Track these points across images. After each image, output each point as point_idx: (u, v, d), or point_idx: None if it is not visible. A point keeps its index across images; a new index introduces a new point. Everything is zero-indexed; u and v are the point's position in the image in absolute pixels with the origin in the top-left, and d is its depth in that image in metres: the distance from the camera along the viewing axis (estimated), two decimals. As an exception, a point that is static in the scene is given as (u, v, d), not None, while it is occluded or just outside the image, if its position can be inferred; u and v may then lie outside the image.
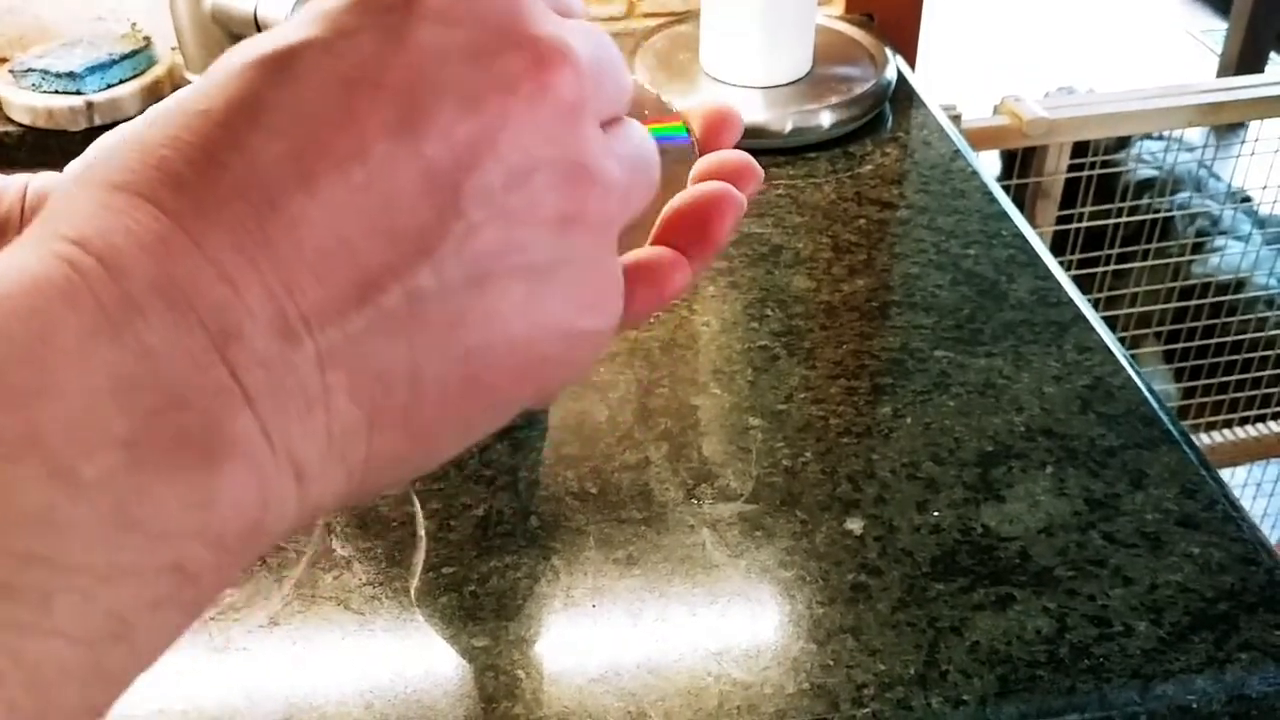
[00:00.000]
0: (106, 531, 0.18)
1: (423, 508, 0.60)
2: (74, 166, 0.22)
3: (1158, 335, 1.59)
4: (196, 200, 0.20)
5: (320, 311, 0.21)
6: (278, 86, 0.21)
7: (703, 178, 0.30)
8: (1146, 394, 0.67)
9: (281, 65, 0.22)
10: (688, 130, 0.32)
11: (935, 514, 0.59)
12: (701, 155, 0.31)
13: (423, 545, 0.58)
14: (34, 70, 0.93)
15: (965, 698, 0.51)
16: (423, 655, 0.53)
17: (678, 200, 0.29)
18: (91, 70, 0.93)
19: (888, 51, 0.99)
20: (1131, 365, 0.69)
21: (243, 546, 0.20)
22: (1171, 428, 0.64)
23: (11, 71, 0.95)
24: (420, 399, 0.22)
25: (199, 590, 0.20)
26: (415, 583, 0.56)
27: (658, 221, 0.29)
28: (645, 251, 0.28)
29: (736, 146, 0.31)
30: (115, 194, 0.20)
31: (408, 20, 0.22)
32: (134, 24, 1.00)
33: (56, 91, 0.93)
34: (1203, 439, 1.57)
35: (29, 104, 0.93)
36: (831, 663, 0.52)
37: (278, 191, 0.21)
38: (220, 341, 0.20)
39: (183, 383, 0.19)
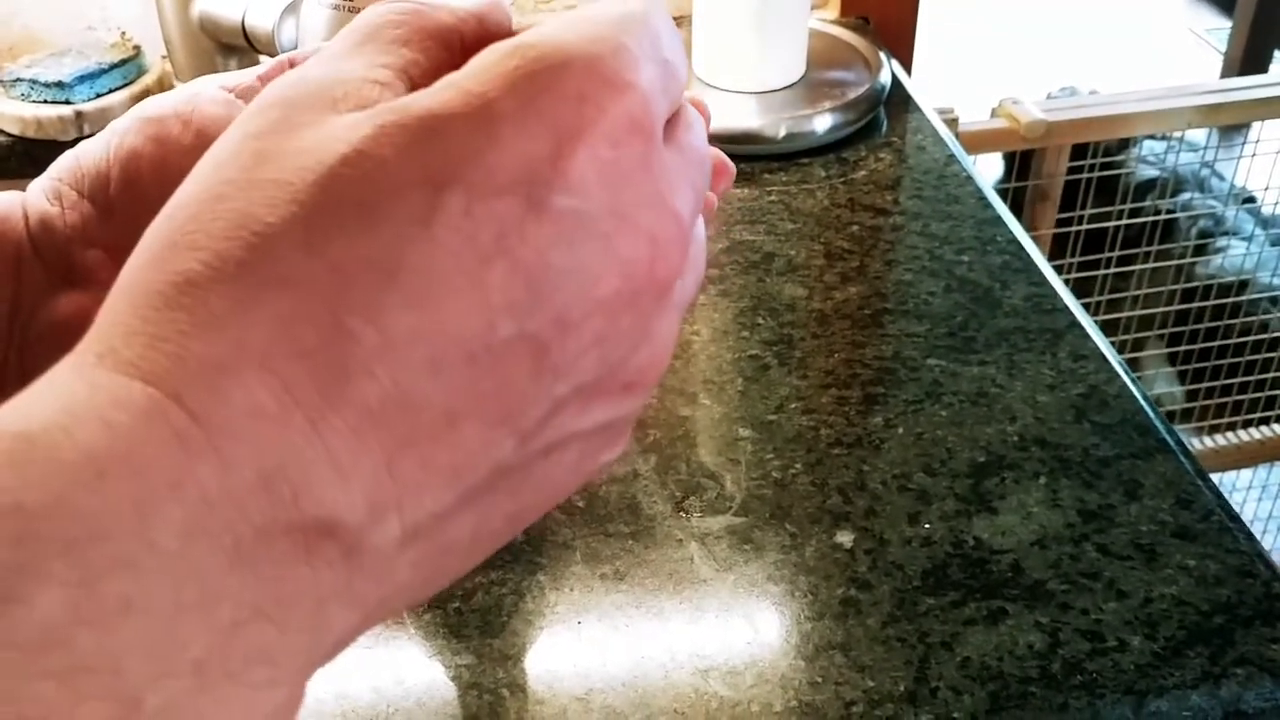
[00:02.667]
0: None
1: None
2: (150, 244, 0.19)
3: (1161, 337, 1.58)
4: (321, 375, 0.18)
5: (416, 494, 0.19)
6: (411, 245, 0.19)
7: None
8: (1142, 402, 0.66)
9: (416, 220, 0.19)
10: None
11: (926, 526, 0.58)
12: None
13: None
14: (23, 80, 0.93)
15: (956, 715, 0.50)
16: (406, 672, 0.53)
17: None
18: (81, 79, 0.92)
19: (882, 55, 0.98)
20: (1127, 373, 0.68)
21: None
22: (1167, 437, 0.63)
23: (0, 82, 0.95)
24: (469, 557, 0.22)
25: None
26: (399, 599, 0.56)
27: None
28: None
29: (728, 152, 0.31)
30: (224, 342, 0.18)
31: (550, 190, 0.20)
32: (123, 33, 0.99)
33: (45, 101, 0.92)
34: (1207, 442, 1.56)
35: (18, 114, 0.93)
36: (820, 679, 0.51)
37: (408, 373, 0.19)
38: (314, 540, 0.18)
39: (266, 589, 0.17)
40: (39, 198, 0.38)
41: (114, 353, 0.18)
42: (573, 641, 0.54)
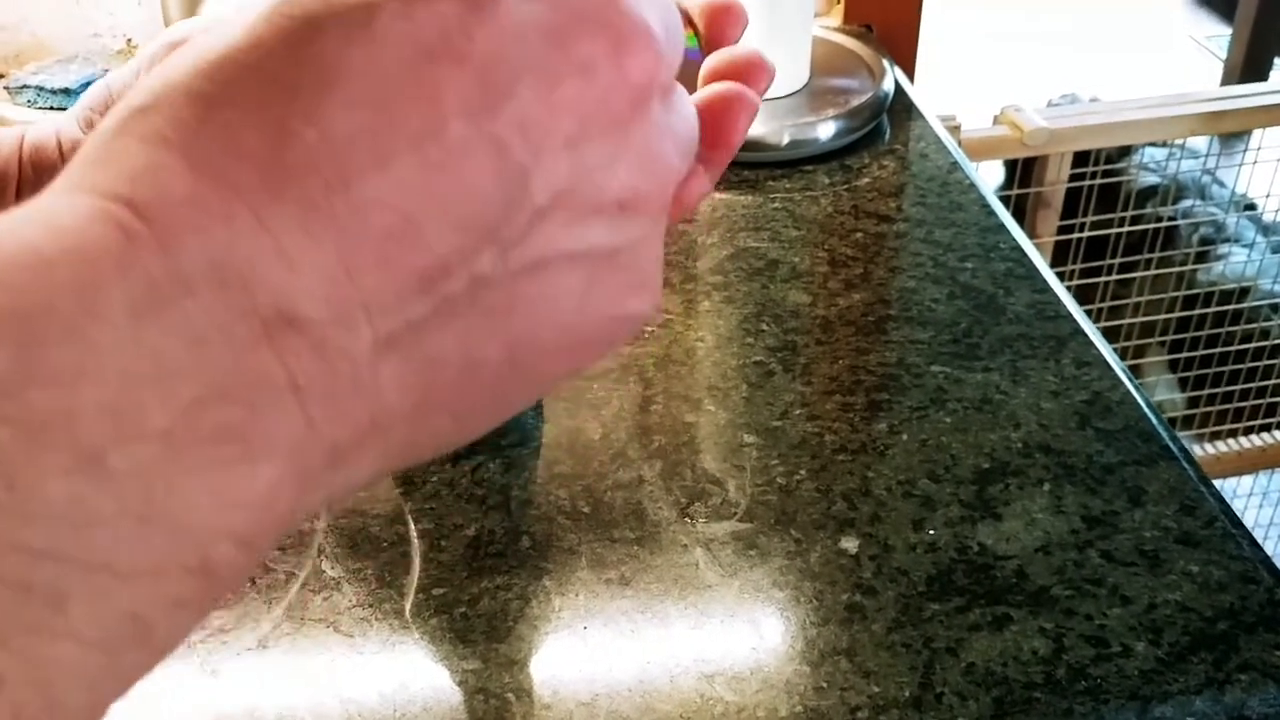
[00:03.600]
0: (132, 528, 0.17)
1: (414, 527, 0.60)
2: (116, 110, 0.20)
3: (1162, 344, 1.59)
4: (264, 172, 0.19)
5: (381, 298, 0.19)
6: (351, 49, 0.20)
7: (712, 78, 0.29)
8: (1145, 409, 0.66)
9: (356, 26, 0.20)
10: (697, 38, 0.30)
11: (931, 532, 0.59)
12: (708, 52, 0.30)
13: (414, 566, 0.58)
14: (29, 86, 0.93)
15: (960, 720, 0.50)
16: (413, 678, 0.53)
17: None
18: (86, 86, 0.93)
19: (885, 63, 0.99)
20: (1130, 380, 0.68)
21: (269, 542, 0.20)
22: (1170, 443, 0.64)
23: (7, 88, 0.95)
24: (466, 385, 0.22)
25: (221, 589, 0.19)
26: (406, 604, 0.56)
27: None
28: None
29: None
30: (171, 153, 0.19)
31: None
32: (129, 40, 0.99)
33: (51, 107, 0.93)
34: (1208, 448, 1.56)
35: (24, 120, 0.93)
36: (825, 685, 0.52)
37: (352, 168, 0.19)
38: (274, 328, 0.18)
39: (229, 372, 0.18)
40: (71, 125, 0.41)
41: (66, 179, 0.19)
42: (578, 646, 0.54)
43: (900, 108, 0.98)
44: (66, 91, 0.92)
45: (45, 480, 0.16)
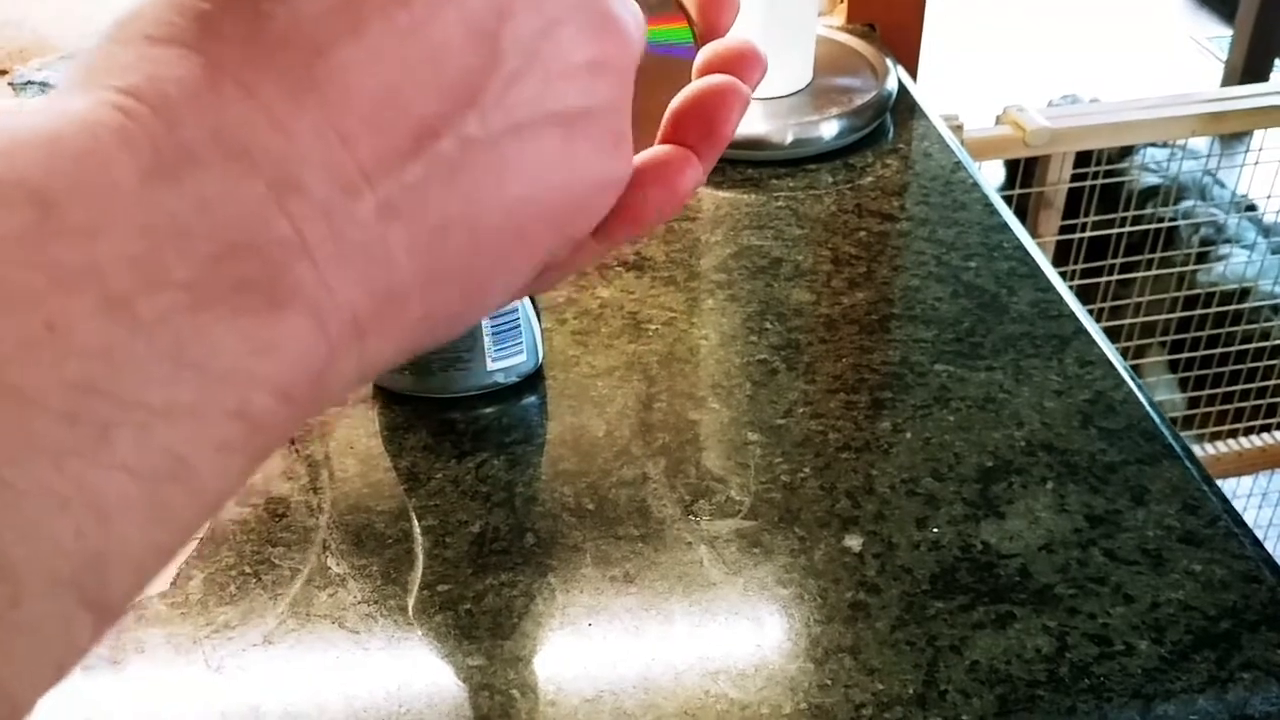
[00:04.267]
0: (164, 369, 0.18)
1: (419, 524, 0.60)
2: (105, 26, 0.22)
3: (1162, 344, 1.59)
4: (244, 50, 0.20)
5: (377, 162, 0.21)
6: None
7: (705, 70, 0.29)
8: (1148, 408, 0.66)
9: None
10: (692, 32, 0.31)
11: (935, 531, 0.59)
12: (701, 44, 0.30)
13: (418, 563, 0.58)
14: (33, 83, 0.93)
15: (964, 718, 0.50)
16: (418, 674, 0.53)
17: (682, 96, 0.28)
18: (91, 83, 0.93)
19: (889, 62, 0.99)
20: (1133, 379, 0.69)
21: (306, 398, 0.20)
22: (1173, 442, 0.64)
23: (11, 84, 0.95)
24: (473, 251, 0.23)
25: (265, 439, 0.20)
26: (411, 601, 0.56)
27: (664, 120, 0.28)
28: (654, 151, 0.28)
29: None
30: (158, 47, 0.20)
31: None
32: (134, 36, 0.99)
33: (56, 104, 0.93)
34: (1208, 449, 1.56)
35: (28, 117, 0.93)
36: (829, 682, 0.52)
37: (325, 39, 0.20)
38: (279, 192, 0.19)
39: (242, 233, 0.19)
40: None
41: (57, 90, 0.20)
42: (583, 644, 0.54)
43: (903, 107, 0.98)
44: (70, 88, 0.92)
45: (80, 321, 0.17)
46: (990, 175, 1.70)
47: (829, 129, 0.91)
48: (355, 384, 0.22)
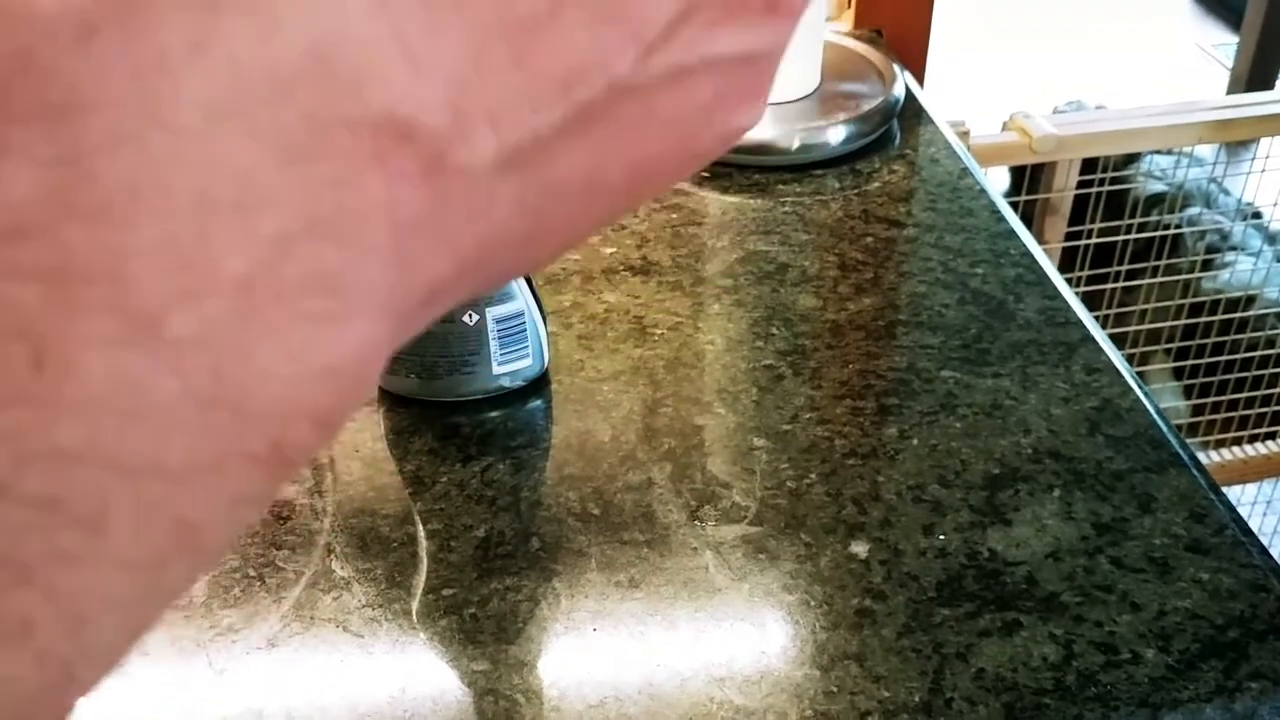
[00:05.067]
0: (193, 413, 0.13)
1: (423, 528, 0.60)
2: None
3: (1167, 351, 1.59)
4: None
5: (512, 103, 0.16)
6: None
7: None
8: (1155, 416, 0.66)
9: None
10: None
11: (941, 537, 0.59)
12: None
13: (423, 567, 0.58)
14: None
15: (970, 726, 0.50)
16: (422, 678, 0.53)
17: None
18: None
19: (896, 68, 0.99)
20: (1140, 386, 0.68)
21: (345, 418, 0.16)
22: (1180, 450, 0.64)
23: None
24: (580, 211, 0.19)
25: (287, 478, 0.15)
26: (415, 605, 0.56)
27: None
28: None
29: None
30: None
31: None
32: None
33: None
34: (1212, 456, 1.56)
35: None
36: (835, 689, 0.52)
37: None
38: (385, 142, 0.14)
39: (326, 199, 0.14)
40: None
41: None
42: (588, 649, 0.54)
43: (910, 113, 0.98)
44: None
45: (84, 355, 0.13)
46: (995, 181, 1.70)
47: (836, 134, 0.91)
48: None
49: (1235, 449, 1.58)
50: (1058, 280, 0.77)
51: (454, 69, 0.15)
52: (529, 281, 0.66)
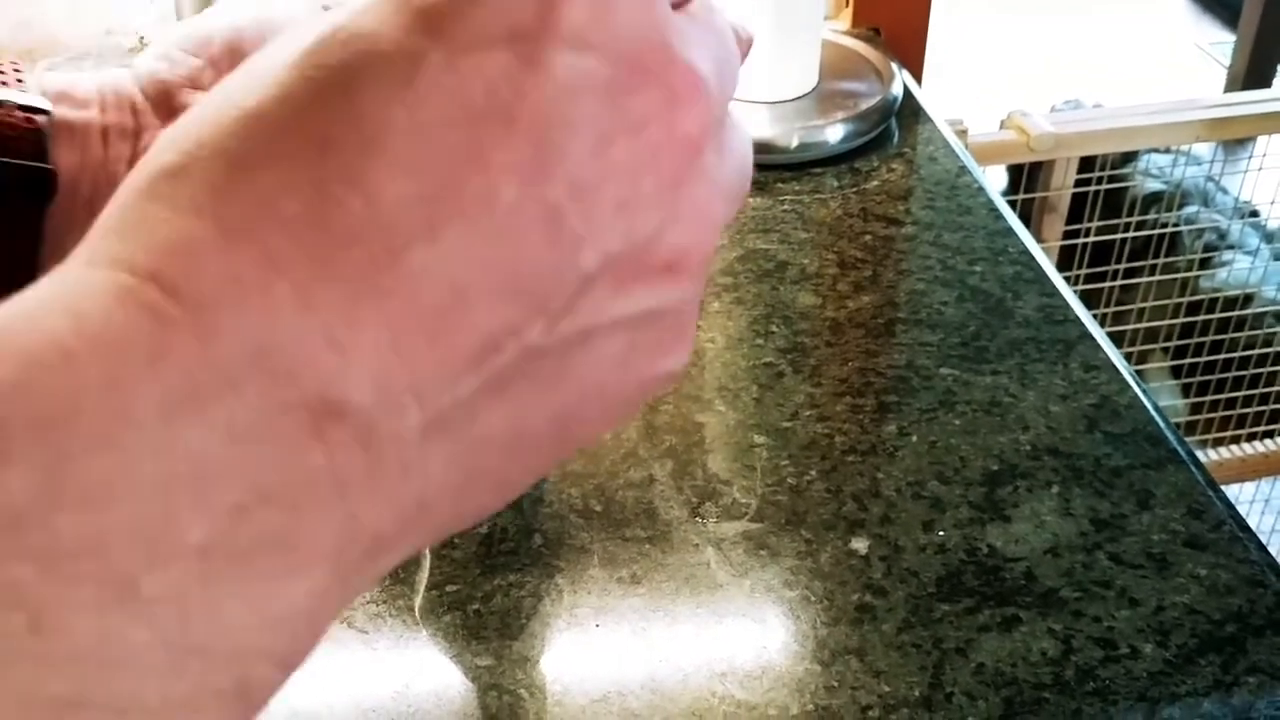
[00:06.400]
0: (165, 659, 0.15)
1: (426, 525, 0.60)
2: (141, 167, 0.18)
3: (1165, 350, 1.59)
4: (307, 243, 0.17)
5: (431, 378, 0.18)
6: (393, 107, 0.18)
7: None
8: (1153, 413, 0.66)
9: (397, 82, 0.18)
10: None
11: (940, 534, 0.59)
12: None
13: (426, 563, 0.58)
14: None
15: (970, 720, 0.50)
16: (426, 674, 0.53)
17: None
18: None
19: (894, 66, 0.99)
20: (1138, 384, 0.69)
21: (306, 654, 0.18)
22: (1178, 447, 0.64)
23: (19, 85, 0.95)
24: (511, 458, 0.20)
25: (256, 711, 0.17)
26: (419, 601, 0.56)
27: None
28: None
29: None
30: (204, 221, 0.17)
31: (541, 44, 0.19)
32: (141, 37, 1.00)
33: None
34: (1210, 455, 1.57)
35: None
36: (836, 684, 0.52)
37: (400, 239, 0.17)
38: (321, 420, 0.17)
39: (272, 473, 0.16)
40: (148, 62, 0.45)
41: (90, 251, 0.17)
42: (590, 644, 0.54)
43: (908, 111, 0.98)
44: (79, 88, 0.92)
45: (74, 619, 0.15)
46: (993, 180, 1.70)
47: (834, 133, 0.91)
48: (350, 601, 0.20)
49: (1233, 447, 1.58)
50: (1056, 278, 0.77)
51: (375, 354, 0.17)
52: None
